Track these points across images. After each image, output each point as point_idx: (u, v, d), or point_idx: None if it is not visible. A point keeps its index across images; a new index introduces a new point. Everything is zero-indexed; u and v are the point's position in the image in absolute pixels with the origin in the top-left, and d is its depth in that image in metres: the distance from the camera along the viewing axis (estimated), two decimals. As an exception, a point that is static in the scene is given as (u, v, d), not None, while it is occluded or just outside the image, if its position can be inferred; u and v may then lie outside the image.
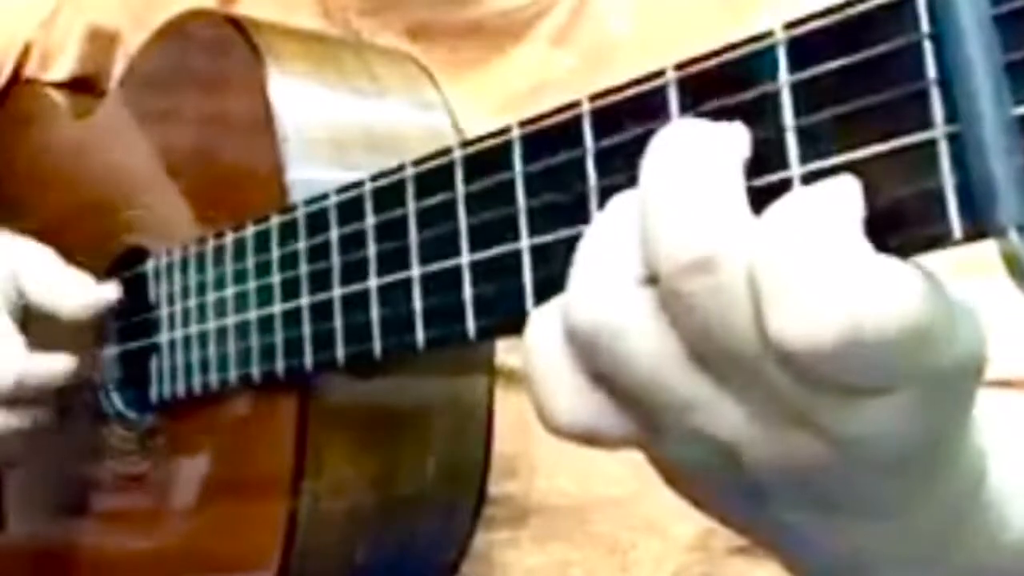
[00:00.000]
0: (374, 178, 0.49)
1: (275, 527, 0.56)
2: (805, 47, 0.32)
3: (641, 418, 0.35)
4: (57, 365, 0.68)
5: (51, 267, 0.71)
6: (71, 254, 0.71)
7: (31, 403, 0.68)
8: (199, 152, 0.66)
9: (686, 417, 0.33)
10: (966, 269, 0.59)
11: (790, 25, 0.32)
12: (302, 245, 0.53)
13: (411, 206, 0.46)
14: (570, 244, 0.36)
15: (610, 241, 0.34)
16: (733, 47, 0.34)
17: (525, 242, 0.40)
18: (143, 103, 0.72)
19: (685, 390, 0.33)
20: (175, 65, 0.69)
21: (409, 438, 0.59)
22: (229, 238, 0.59)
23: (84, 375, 0.70)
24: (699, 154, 0.33)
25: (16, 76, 0.85)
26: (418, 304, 0.46)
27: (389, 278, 0.47)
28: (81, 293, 0.69)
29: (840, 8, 0.31)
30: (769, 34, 0.33)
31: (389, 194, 0.48)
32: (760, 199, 0.32)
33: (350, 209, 0.50)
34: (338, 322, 0.51)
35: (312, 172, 0.57)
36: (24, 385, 0.67)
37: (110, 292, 0.70)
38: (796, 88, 0.32)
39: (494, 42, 0.70)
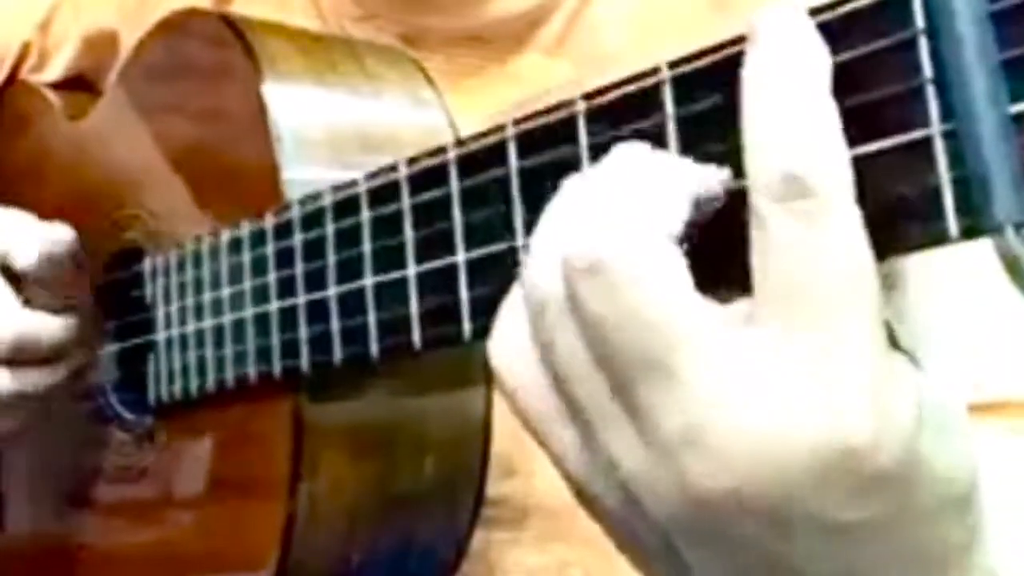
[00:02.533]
0: (368, 177, 0.49)
1: (273, 528, 0.56)
2: (800, 44, 0.32)
3: (572, 410, 0.34)
4: (56, 321, 0.67)
5: (10, 218, 0.68)
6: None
7: (33, 364, 0.67)
8: (194, 152, 0.65)
9: (599, 425, 0.33)
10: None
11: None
12: (297, 244, 0.53)
13: (406, 205, 0.46)
14: None
15: (555, 219, 0.35)
16: (726, 45, 0.34)
17: (521, 240, 0.40)
18: (137, 102, 0.72)
19: (596, 390, 0.33)
20: (169, 64, 0.68)
21: (407, 438, 0.59)
22: (225, 237, 0.59)
23: (85, 340, 0.70)
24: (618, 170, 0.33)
25: (13, 77, 0.84)
26: (414, 304, 0.46)
27: (384, 278, 0.47)
28: (35, 238, 0.67)
29: (834, 5, 0.31)
30: None
31: (384, 193, 0.47)
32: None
33: (345, 208, 0.50)
34: (334, 323, 0.51)
35: (307, 171, 0.57)
36: (23, 341, 0.66)
37: (63, 233, 0.67)
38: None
39: (490, 51, 0.70)
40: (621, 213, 0.32)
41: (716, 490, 0.30)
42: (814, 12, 0.31)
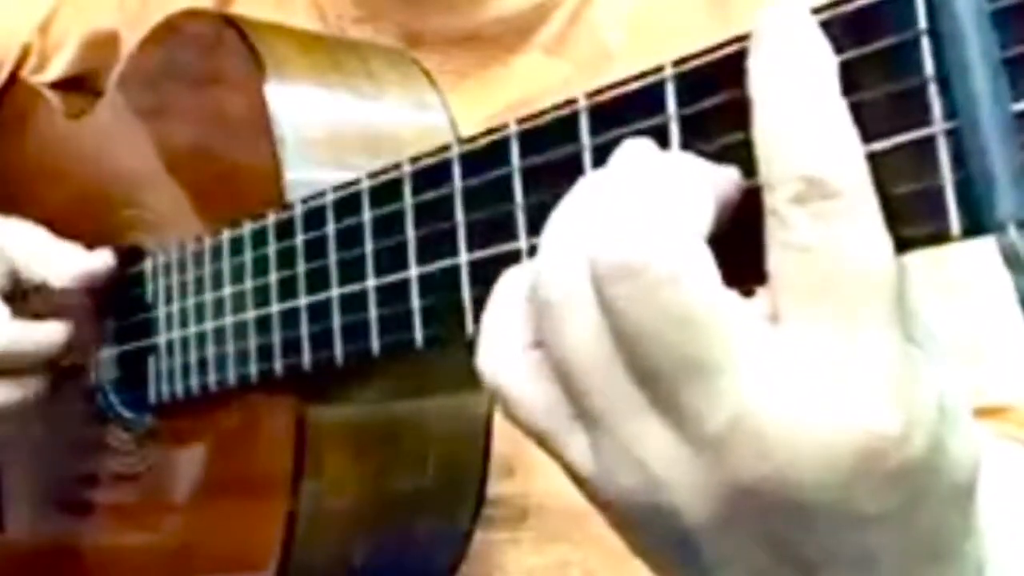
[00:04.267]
0: (371, 176, 0.49)
1: (274, 528, 0.56)
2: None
3: (583, 412, 0.34)
4: (46, 333, 0.67)
5: (40, 239, 0.70)
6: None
7: (21, 374, 0.67)
8: (196, 152, 0.65)
9: (621, 425, 0.33)
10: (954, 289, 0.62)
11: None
12: (299, 243, 0.53)
13: (408, 204, 0.46)
14: None
15: (574, 218, 0.34)
16: (728, 44, 0.34)
17: (524, 242, 0.40)
18: (139, 103, 0.72)
19: (619, 391, 0.33)
20: (171, 65, 0.68)
21: (408, 438, 0.59)
22: (226, 236, 0.59)
23: (76, 350, 0.70)
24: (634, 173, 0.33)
25: (13, 78, 0.84)
26: (416, 302, 0.46)
27: (386, 277, 0.47)
28: (72, 261, 0.69)
29: (836, 4, 0.31)
30: None
31: (386, 192, 0.48)
32: (757, 197, 0.32)
33: (347, 207, 0.50)
34: (336, 321, 0.51)
35: (309, 172, 0.57)
36: (11, 353, 0.66)
37: (102, 260, 0.69)
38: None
39: (490, 51, 0.70)
40: (649, 214, 0.32)
41: (759, 474, 0.31)
42: (817, 11, 0.31)
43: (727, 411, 0.31)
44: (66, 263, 0.69)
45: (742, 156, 0.33)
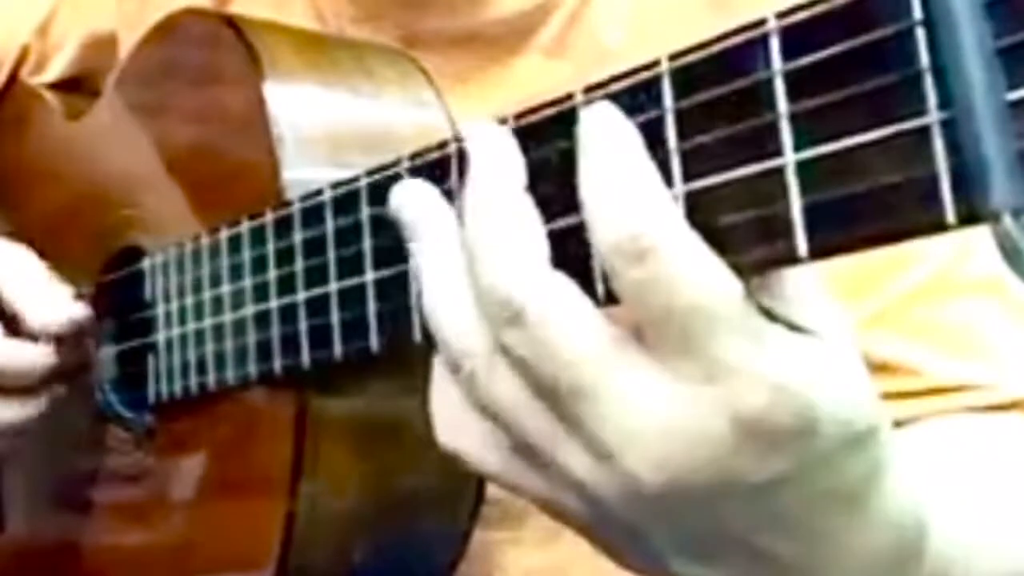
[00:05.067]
0: (369, 173, 0.49)
1: (273, 527, 0.56)
2: (798, 35, 0.32)
3: (528, 455, 0.39)
4: (41, 353, 0.67)
5: (29, 274, 0.69)
6: (67, 254, 0.71)
7: (18, 393, 0.67)
8: (195, 152, 0.66)
9: (557, 458, 0.37)
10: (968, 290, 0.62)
11: (783, 14, 0.33)
12: (298, 241, 0.53)
13: None
14: (567, 233, 0.37)
15: (443, 288, 0.40)
16: (727, 36, 0.34)
17: None
18: (137, 102, 0.72)
19: (543, 426, 0.37)
20: (169, 64, 0.69)
21: (407, 437, 0.59)
22: (224, 235, 0.59)
23: (74, 366, 0.69)
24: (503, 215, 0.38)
25: (12, 80, 0.85)
26: (415, 298, 0.46)
27: (385, 272, 0.47)
28: (52, 309, 0.67)
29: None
30: (763, 23, 0.33)
31: (384, 189, 0.47)
32: (753, 187, 0.32)
33: (346, 204, 0.50)
34: (335, 317, 0.51)
35: (308, 172, 0.57)
36: (6, 372, 0.66)
37: (80, 311, 0.67)
38: (789, 76, 0.32)
39: (489, 52, 0.70)
40: (502, 260, 0.37)
41: (657, 483, 0.35)
42: (815, 2, 0.32)
43: (616, 431, 0.35)
44: (48, 310, 0.67)
45: (738, 148, 0.33)
